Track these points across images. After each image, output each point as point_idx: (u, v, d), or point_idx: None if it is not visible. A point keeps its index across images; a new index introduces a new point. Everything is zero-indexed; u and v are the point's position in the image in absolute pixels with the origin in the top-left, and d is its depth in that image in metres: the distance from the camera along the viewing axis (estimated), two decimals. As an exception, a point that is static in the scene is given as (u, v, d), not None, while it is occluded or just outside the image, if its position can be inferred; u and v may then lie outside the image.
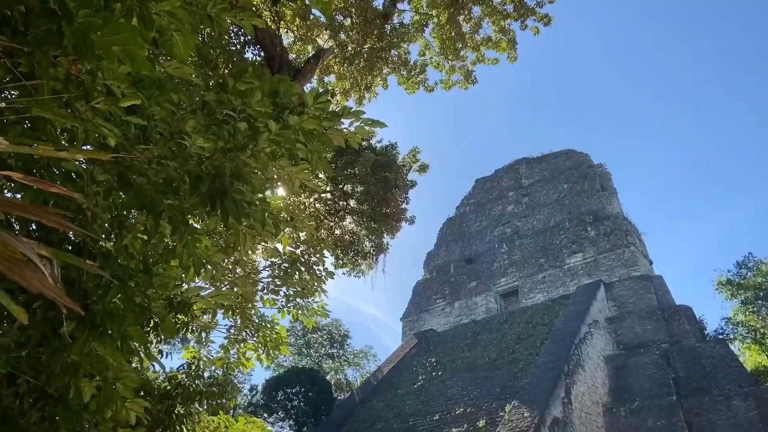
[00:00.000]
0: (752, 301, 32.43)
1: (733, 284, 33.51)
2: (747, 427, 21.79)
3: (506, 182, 45.41)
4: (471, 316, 38.41)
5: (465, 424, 22.39)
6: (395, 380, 31.43)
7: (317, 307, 8.20)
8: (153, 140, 3.12)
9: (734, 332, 33.51)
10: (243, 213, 3.03)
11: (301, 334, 48.84)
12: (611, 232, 35.06)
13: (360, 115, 3.87)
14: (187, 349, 7.72)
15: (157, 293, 3.14)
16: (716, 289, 34.84)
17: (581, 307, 29.03)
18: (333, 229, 16.77)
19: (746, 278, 33.20)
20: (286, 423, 38.50)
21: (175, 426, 4.90)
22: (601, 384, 25.37)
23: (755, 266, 33.50)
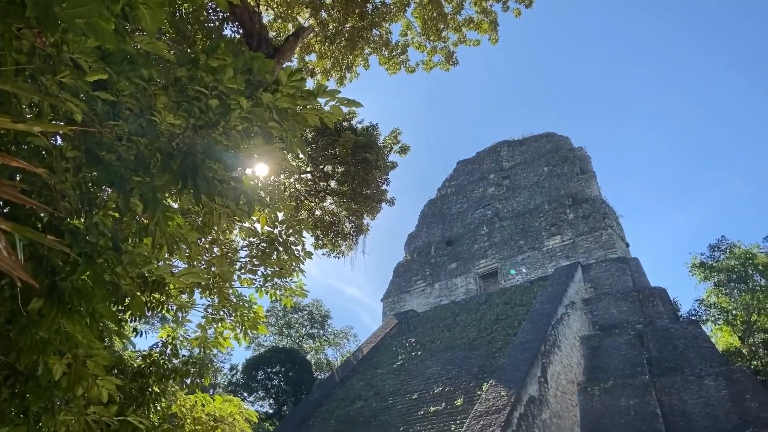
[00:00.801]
0: (725, 283, 33.11)
1: (706, 267, 34.17)
2: (717, 405, 22.39)
3: (487, 165, 45.61)
4: (451, 297, 38.77)
5: (443, 403, 22.71)
6: (375, 360, 31.70)
7: (295, 287, 8.20)
8: (123, 116, 3.08)
9: (707, 314, 34.23)
10: (215, 191, 3.01)
11: (281, 314, 48.95)
12: (589, 215, 35.48)
13: (336, 95, 3.85)
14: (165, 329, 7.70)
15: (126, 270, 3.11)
16: (690, 272, 35.51)
17: (559, 289, 29.45)
18: (313, 210, 16.75)
19: (719, 261, 33.86)
20: (266, 402, 38.77)
21: (149, 404, 4.90)
22: (576, 363, 25.86)
23: (728, 249, 34.16)
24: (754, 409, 21.70)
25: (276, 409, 38.20)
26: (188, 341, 7.66)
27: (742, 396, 22.26)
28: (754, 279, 32.65)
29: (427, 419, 21.98)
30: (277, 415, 37.55)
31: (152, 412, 5.06)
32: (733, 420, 21.64)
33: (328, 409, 26.90)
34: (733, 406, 22.19)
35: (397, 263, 43.96)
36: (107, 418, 3.76)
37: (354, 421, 24.44)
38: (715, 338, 35.45)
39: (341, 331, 52.33)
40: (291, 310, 49.06)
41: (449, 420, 21.04)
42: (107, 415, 3.70)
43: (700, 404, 22.69)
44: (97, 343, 3.08)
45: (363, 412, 25.10)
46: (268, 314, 48.74)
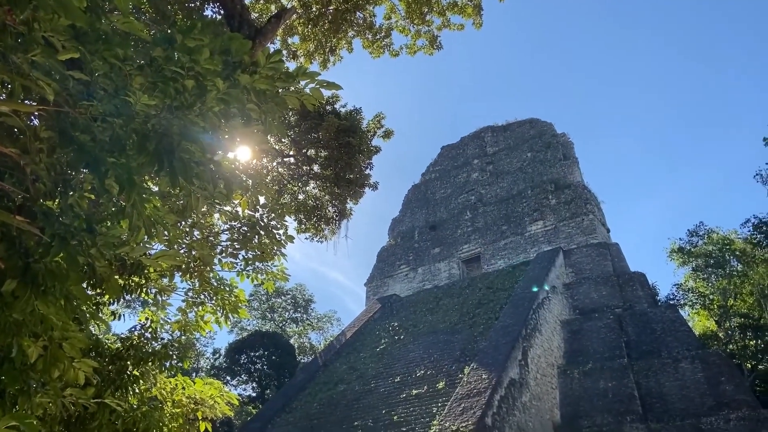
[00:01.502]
0: (702, 268, 33.72)
1: (684, 252, 34.74)
2: (693, 388, 22.85)
3: (471, 150, 45.69)
4: (434, 281, 38.99)
5: (425, 386, 22.92)
6: (358, 344, 31.86)
7: (277, 271, 8.18)
8: (97, 96, 3.03)
9: (684, 298, 34.87)
10: (192, 173, 2.98)
11: (264, 298, 48.92)
12: (571, 201, 35.76)
13: (315, 77, 3.82)
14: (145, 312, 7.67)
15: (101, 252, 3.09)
16: (669, 257, 36.10)
17: (540, 273, 29.74)
18: (296, 194, 16.68)
19: (697, 246, 34.45)
20: (249, 385, 38.87)
21: (127, 386, 4.89)
22: (557, 347, 26.21)
23: (706, 235, 34.75)
24: (729, 391, 22.19)
25: (259, 393, 38.31)
26: (169, 324, 7.64)
27: (717, 379, 22.74)
28: (731, 264, 33.29)
29: (410, 402, 22.18)
30: (260, 399, 37.68)
31: (131, 395, 5.05)
32: (708, 402, 22.12)
33: (311, 392, 27.02)
34: (708, 388, 22.65)
35: (381, 248, 44.06)
36: (84, 401, 3.75)
37: (337, 404, 24.59)
38: (693, 322, 36.15)
39: (325, 315, 52.53)
40: (274, 294, 49.03)
41: (431, 402, 21.26)
42: (84, 398, 3.69)
43: (677, 386, 23.14)
44: (73, 326, 3.06)
45: (346, 395, 25.26)
46: (251, 298, 48.70)
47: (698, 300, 34.60)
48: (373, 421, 21.68)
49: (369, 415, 22.33)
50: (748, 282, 31.94)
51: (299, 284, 52.25)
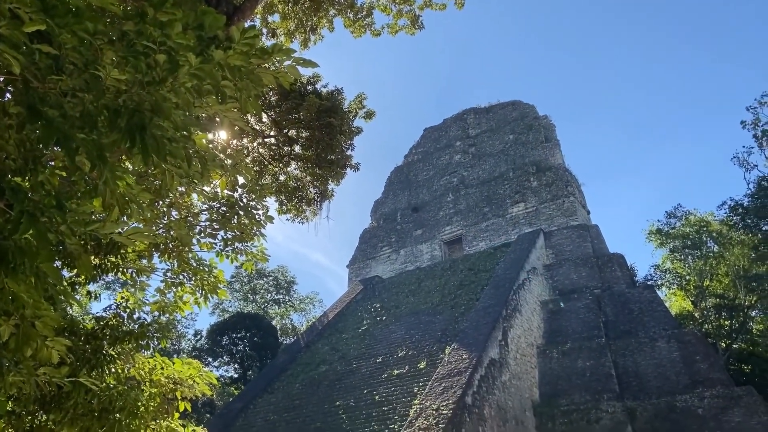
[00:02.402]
0: (680, 249, 34.26)
1: (662, 233, 35.24)
2: (669, 366, 23.36)
3: (454, 132, 45.70)
4: (416, 263, 39.18)
5: (406, 366, 23.14)
6: (340, 325, 32.00)
7: (256, 252, 8.14)
8: (66, 71, 2.97)
9: (662, 279, 35.45)
10: (164, 150, 2.95)
11: (246, 280, 48.81)
12: (552, 183, 36.03)
13: (291, 54, 3.77)
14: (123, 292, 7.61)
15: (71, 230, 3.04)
16: (647, 238, 36.62)
17: (521, 255, 30.02)
18: (277, 175, 16.54)
19: (675, 228, 34.96)
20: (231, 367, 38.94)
21: (103, 366, 4.86)
22: (536, 327, 26.58)
23: (684, 217, 35.26)
24: (704, 370, 22.73)
25: (241, 374, 38.41)
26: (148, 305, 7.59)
27: (692, 357, 23.26)
28: (707, 245, 33.87)
29: (391, 382, 22.41)
30: (242, 380, 37.79)
31: (107, 374, 5.03)
32: (683, 380, 22.64)
33: (293, 373, 27.15)
34: (684, 367, 23.16)
35: (363, 230, 44.12)
36: (58, 380, 3.72)
37: (319, 385, 24.76)
38: (669, 302, 36.81)
39: (307, 296, 52.60)
40: (256, 275, 48.92)
41: (412, 382, 21.50)
42: (58, 377, 3.67)
43: (653, 365, 23.64)
44: (45, 304, 3.03)
45: (328, 375, 25.43)
46: (233, 280, 48.55)
47: (675, 281, 35.22)
48: (355, 400, 21.90)
49: (351, 395, 22.54)
50: (724, 263, 32.54)
51: (281, 266, 52.23)
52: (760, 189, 28.99)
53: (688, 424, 20.58)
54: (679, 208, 35.74)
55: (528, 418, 21.96)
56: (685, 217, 35.11)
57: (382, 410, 20.27)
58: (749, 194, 29.59)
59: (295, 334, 45.61)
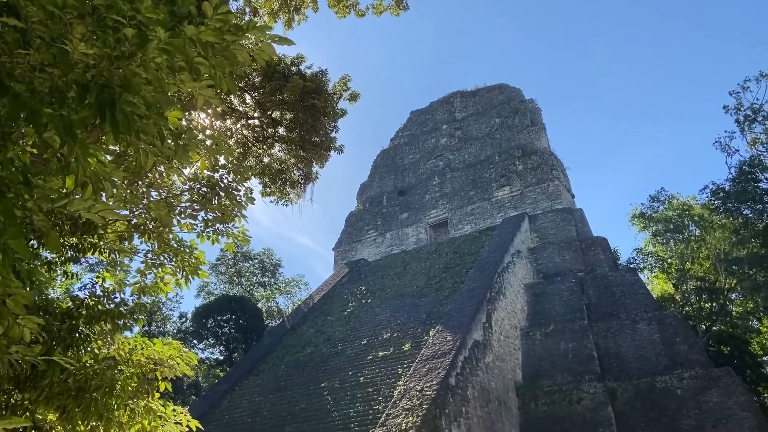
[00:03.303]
0: (662, 233, 34.69)
1: (645, 217, 35.61)
2: (649, 348, 23.74)
3: (440, 115, 45.64)
4: (402, 246, 39.29)
5: (391, 348, 23.30)
6: (326, 307, 32.09)
7: (238, 233, 8.10)
8: (34, 45, 2.91)
9: (644, 262, 35.93)
10: (134, 126, 2.91)
11: (232, 263, 48.71)
12: (538, 167, 36.19)
13: (266, 31, 3.73)
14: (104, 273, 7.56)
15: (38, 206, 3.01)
16: (630, 222, 37.01)
17: (506, 238, 30.21)
18: (261, 157, 16.44)
19: (658, 211, 35.33)
20: (217, 349, 38.99)
21: (79, 345, 4.84)
22: (520, 310, 26.84)
23: (666, 200, 35.63)
24: (684, 351, 23.11)
25: (226, 356, 38.49)
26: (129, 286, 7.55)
27: (672, 339, 23.63)
28: (689, 229, 34.30)
29: (376, 363, 22.57)
30: (227, 362, 37.87)
31: (83, 354, 5.01)
32: (663, 361, 23.02)
33: (279, 355, 27.24)
34: (664, 348, 23.54)
35: (350, 213, 44.10)
36: (31, 358, 3.71)
37: (304, 366, 24.87)
38: (651, 285, 37.33)
39: (292, 279, 52.62)
40: (241, 258, 48.81)
41: (397, 364, 21.66)
42: (31, 355, 3.65)
43: (634, 347, 24.00)
44: (16, 282, 3.00)
45: (313, 357, 25.55)
46: (218, 263, 48.42)
47: (657, 264, 35.70)
48: (340, 382, 22.04)
49: (336, 376, 22.68)
50: (705, 246, 33.01)
51: (267, 249, 52.20)
52: (741, 173, 29.32)
53: (668, 404, 20.97)
54: (662, 192, 36.14)
55: (511, 399, 22.26)
56: (668, 201, 35.49)
57: (367, 391, 20.44)
58: (730, 179, 29.93)
59: (280, 316, 45.68)
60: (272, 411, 21.84)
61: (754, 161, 29.47)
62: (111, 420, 4.76)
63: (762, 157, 29.47)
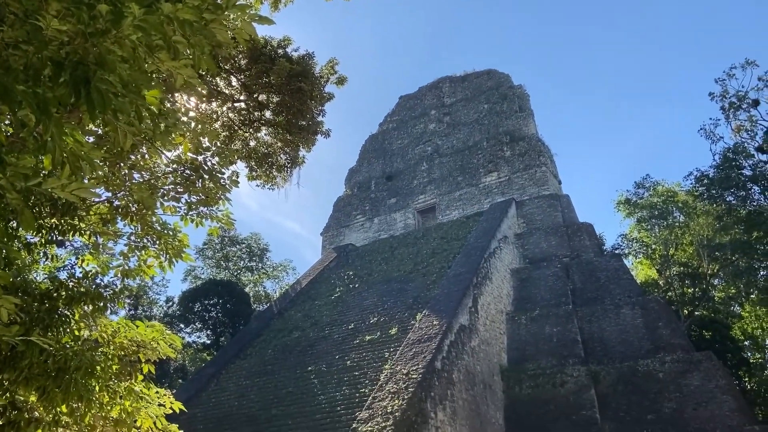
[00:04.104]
0: (647, 219, 35.01)
1: (630, 203, 35.93)
2: (632, 332, 24.05)
3: (429, 100, 45.55)
4: (390, 231, 39.35)
5: (378, 332, 23.41)
6: (313, 292, 32.13)
7: (222, 216, 8.06)
8: (7, 21, 2.87)
9: (629, 248, 36.29)
10: (110, 104, 2.88)
11: (219, 247, 48.54)
12: (525, 153, 36.30)
13: (246, 10, 3.71)
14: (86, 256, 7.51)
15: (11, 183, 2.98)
16: (616, 208, 37.34)
17: (493, 224, 30.34)
18: (248, 141, 16.37)
19: (643, 198, 35.64)
20: (204, 333, 38.96)
21: (58, 326, 4.83)
22: (506, 294, 27.05)
23: (651, 187, 35.93)
24: (666, 335, 23.44)
25: (213, 340, 38.49)
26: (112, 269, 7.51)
27: (655, 324, 23.95)
28: (673, 215, 34.65)
29: (363, 347, 22.67)
30: (214, 346, 37.88)
31: (62, 335, 5.00)
32: (645, 345, 23.35)
33: (266, 339, 27.28)
34: (646, 332, 23.86)
35: (338, 198, 44.04)
36: (9, 338, 3.69)
37: (291, 350, 24.94)
38: (636, 271, 37.75)
39: (280, 264, 52.55)
40: (228, 242, 48.66)
41: (383, 348, 21.78)
42: (8, 335, 3.63)
43: (617, 331, 24.31)
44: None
45: (300, 341, 25.61)
46: (205, 247, 48.23)
47: (642, 250, 36.08)
48: (327, 366, 22.13)
49: (323, 360, 22.77)
50: (689, 233, 33.37)
51: (254, 233, 52.09)
52: (726, 160, 29.61)
53: (649, 387, 21.29)
54: (647, 178, 36.43)
55: (496, 382, 22.49)
56: (653, 188, 35.80)
57: (354, 375, 20.55)
58: (714, 165, 30.23)
59: (268, 301, 45.69)
60: (259, 394, 21.90)
61: (738, 148, 29.76)
62: (91, 401, 4.77)
63: (746, 144, 29.79)
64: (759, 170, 29.30)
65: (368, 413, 16.33)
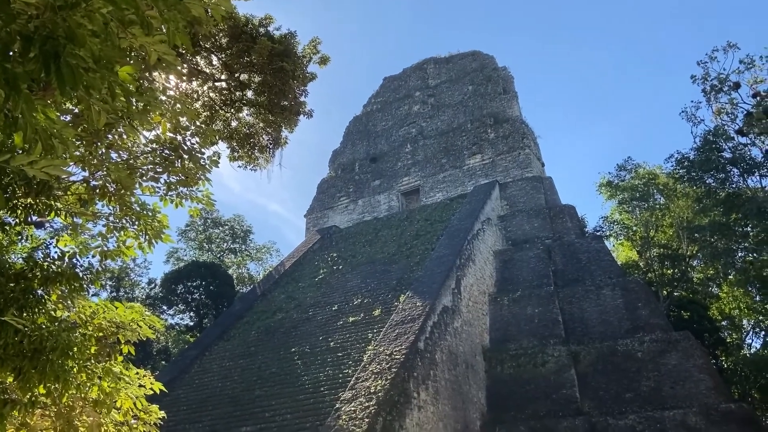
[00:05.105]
0: (628, 201, 35.37)
1: (612, 186, 36.24)
2: (612, 313, 24.39)
3: (413, 82, 45.36)
4: (374, 213, 39.35)
5: (362, 314, 23.51)
6: (297, 274, 32.12)
7: (202, 197, 7.98)
8: (-29, -7, 2.78)
9: (610, 230, 36.71)
10: (80, 80, 2.82)
11: (201, 229, 48.23)
12: (509, 135, 36.37)
13: (222, -16, 3.63)
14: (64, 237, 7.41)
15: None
16: (598, 190, 37.64)
17: (476, 206, 30.46)
18: (229, 121, 16.18)
19: (624, 180, 35.95)
20: (187, 315, 38.86)
21: (33, 306, 4.77)
22: (489, 276, 27.25)
23: (633, 169, 36.24)
24: (645, 315, 23.81)
25: (197, 322, 38.43)
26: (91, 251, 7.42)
27: (635, 304, 24.30)
28: (654, 198, 35.03)
29: (346, 329, 22.77)
30: (197, 328, 37.83)
31: (38, 315, 4.94)
32: (625, 325, 23.70)
33: (249, 320, 27.28)
34: (626, 313, 24.21)
35: (321, 179, 43.88)
36: (-19, 317, 3.64)
37: (275, 332, 24.98)
38: (617, 253, 38.22)
39: (264, 246, 52.42)
40: (211, 224, 48.37)
41: (367, 329, 21.90)
42: (-19, 315, 3.58)
43: (598, 312, 24.64)
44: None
45: (284, 323, 25.65)
46: (188, 229, 47.90)
47: (622, 231, 36.52)
48: (311, 347, 22.22)
49: (306, 341, 22.84)
50: (669, 215, 33.80)
51: (237, 215, 51.74)
52: (706, 143, 29.90)
53: (628, 366, 21.66)
54: (629, 161, 36.72)
55: (478, 362, 22.74)
56: (635, 170, 36.11)
57: (337, 356, 20.66)
58: (695, 148, 30.53)
59: (251, 283, 45.60)
60: (242, 375, 21.95)
61: (719, 131, 30.06)
62: (68, 381, 4.74)
63: (726, 127, 30.09)
64: (738, 153, 29.66)
65: (352, 393, 16.44)
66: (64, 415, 5.59)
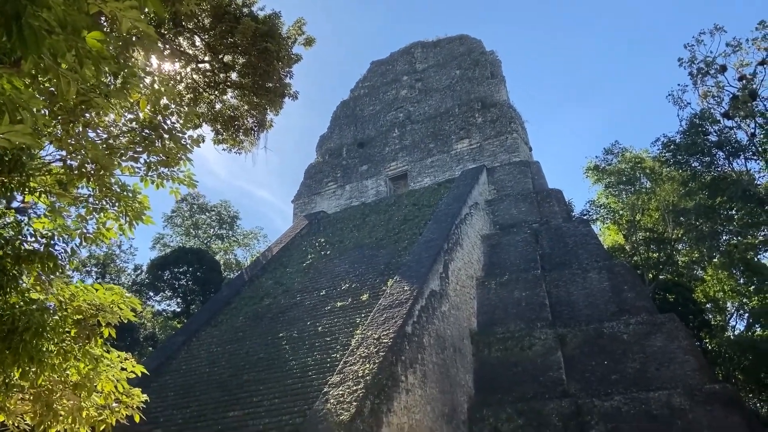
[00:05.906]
0: (614, 185, 35.53)
1: (599, 170, 36.35)
2: (598, 296, 24.53)
3: (401, 66, 45.08)
4: (361, 198, 39.24)
5: (349, 299, 23.47)
6: (284, 259, 31.98)
7: (183, 177, 7.83)
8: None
9: (597, 214, 36.90)
10: (43, 42, 2.68)
11: (188, 215, 47.84)
12: (497, 119, 36.29)
13: (196, -51, 3.48)
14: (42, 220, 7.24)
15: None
16: (585, 174, 37.74)
17: (464, 191, 30.43)
18: (213, 103, 15.95)
19: (611, 164, 36.07)
20: (174, 301, 38.64)
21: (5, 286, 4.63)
22: (476, 260, 27.29)
23: (620, 153, 36.36)
24: (630, 298, 23.98)
25: (184, 308, 38.23)
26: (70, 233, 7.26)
27: (621, 287, 24.46)
28: (640, 181, 35.19)
29: (334, 313, 22.72)
30: (185, 314, 37.66)
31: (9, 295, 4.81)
32: (611, 308, 23.86)
33: (237, 306, 27.15)
34: (612, 296, 24.37)
35: (309, 165, 43.63)
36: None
37: (262, 317, 24.88)
38: (603, 236, 38.46)
39: (251, 231, 52.14)
40: (198, 210, 47.99)
41: (355, 314, 21.85)
42: (-53, 293, 3.46)
43: (584, 295, 24.78)
44: None
45: (271, 308, 25.55)
46: (174, 215, 47.51)
47: (609, 215, 36.72)
48: (298, 332, 22.15)
49: (294, 326, 22.77)
50: (655, 198, 33.97)
51: (224, 201, 51.41)
52: (692, 126, 30.02)
53: (614, 348, 21.83)
54: (616, 145, 36.85)
55: (466, 346, 22.81)
56: (622, 154, 36.23)
57: (325, 340, 20.61)
58: (681, 131, 30.63)
59: (239, 268, 45.40)
60: (230, 361, 21.85)
61: (705, 114, 30.17)
62: (43, 362, 4.62)
63: (712, 110, 30.20)
64: (724, 136, 29.81)
65: (339, 377, 16.42)
66: (43, 399, 5.48)
